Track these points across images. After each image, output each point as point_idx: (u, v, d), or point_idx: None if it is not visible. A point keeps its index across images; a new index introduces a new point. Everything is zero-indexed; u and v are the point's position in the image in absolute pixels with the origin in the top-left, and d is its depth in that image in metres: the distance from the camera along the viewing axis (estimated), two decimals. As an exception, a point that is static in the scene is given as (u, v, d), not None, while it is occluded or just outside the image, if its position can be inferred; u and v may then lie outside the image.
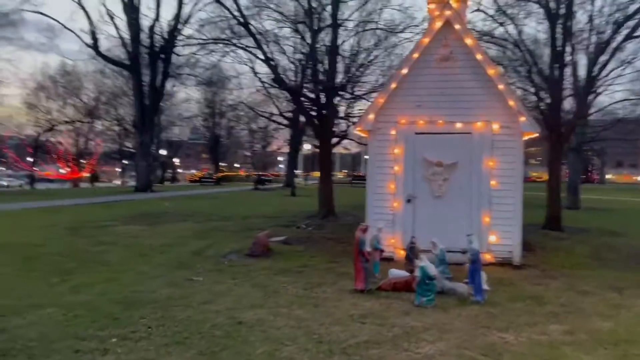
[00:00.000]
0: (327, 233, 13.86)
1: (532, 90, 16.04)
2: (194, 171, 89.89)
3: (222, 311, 6.28)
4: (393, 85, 9.93)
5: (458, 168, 9.77)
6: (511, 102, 9.47)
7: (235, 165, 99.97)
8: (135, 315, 6.06)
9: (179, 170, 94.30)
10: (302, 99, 16.97)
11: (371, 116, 9.96)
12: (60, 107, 61.52)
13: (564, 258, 10.75)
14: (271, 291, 7.41)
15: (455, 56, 9.79)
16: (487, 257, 9.66)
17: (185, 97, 67.53)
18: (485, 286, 7.71)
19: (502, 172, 9.66)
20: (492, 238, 9.67)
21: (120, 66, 35.37)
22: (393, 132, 10.01)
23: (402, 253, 9.55)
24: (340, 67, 17.45)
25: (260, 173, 58.44)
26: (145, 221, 16.01)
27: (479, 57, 9.60)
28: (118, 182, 72.30)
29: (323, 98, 16.66)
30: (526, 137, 9.97)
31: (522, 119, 9.41)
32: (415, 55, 9.85)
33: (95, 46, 32.44)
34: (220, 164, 75.84)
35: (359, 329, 5.68)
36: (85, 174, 69.86)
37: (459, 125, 9.77)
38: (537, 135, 9.89)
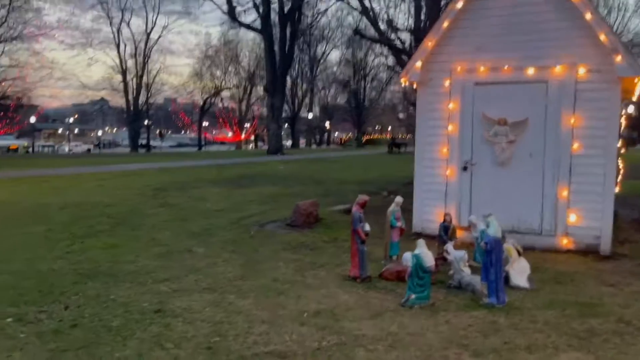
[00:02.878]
0: (405, 203, 12.25)
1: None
2: (343, 135, 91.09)
3: (164, 293, 5.48)
4: (445, 24, 7.93)
5: (528, 127, 7.58)
6: (602, 37, 6.97)
7: (389, 128, 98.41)
8: (73, 291, 5.53)
9: (336, 134, 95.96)
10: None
11: (418, 64, 8.12)
12: (223, 74, 66.18)
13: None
14: (254, 271, 6.42)
15: (527, -20, 7.49)
16: (565, 243, 7.49)
17: (337, 60, 67.81)
18: (522, 283, 5.84)
19: (589, 132, 7.25)
20: (572, 218, 7.41)
21: (252, 29, 36.00)
22: (447, 82, 8.08)
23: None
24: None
25: (394, 137, 56.47)
26: (234, 184, 15.88)
27: (558, -22, 7.21)
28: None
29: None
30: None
31: (618, 58, 6.87)
32: (474, -17, 7.74)
33: (231, 12, 33.34)
34: (369, 127, 74.98)
35: (286, 333, 4.43)
36: (249, 137, 74.72)
37: (530, 71, 7.52)
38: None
